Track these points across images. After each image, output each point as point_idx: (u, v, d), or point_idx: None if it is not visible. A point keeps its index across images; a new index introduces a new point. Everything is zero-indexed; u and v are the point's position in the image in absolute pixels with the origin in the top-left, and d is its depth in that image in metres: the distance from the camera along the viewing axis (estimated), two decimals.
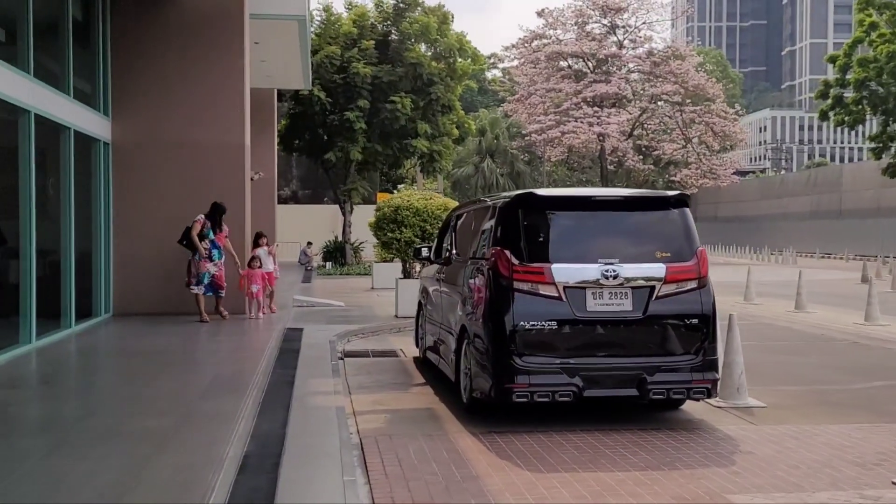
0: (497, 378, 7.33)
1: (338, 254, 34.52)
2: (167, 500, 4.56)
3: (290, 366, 10.01)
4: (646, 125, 55.10)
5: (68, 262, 11.78)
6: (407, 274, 16.32)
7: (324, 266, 33.87)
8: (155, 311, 13.67)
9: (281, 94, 33.69)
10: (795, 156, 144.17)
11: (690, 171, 53.93)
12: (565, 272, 7.38)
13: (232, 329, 12.28)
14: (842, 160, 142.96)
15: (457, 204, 15.77)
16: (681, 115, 53.35)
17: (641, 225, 7.78)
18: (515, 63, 58.27)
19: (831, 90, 52.40)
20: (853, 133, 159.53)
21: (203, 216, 13.03)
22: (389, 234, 15.64)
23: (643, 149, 55.09)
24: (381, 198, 31.39)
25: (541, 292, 7.37)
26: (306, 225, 41.18)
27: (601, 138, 51.18)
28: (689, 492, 5.73)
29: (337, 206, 37.55)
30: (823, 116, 53.49)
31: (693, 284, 7.57)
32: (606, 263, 7.41)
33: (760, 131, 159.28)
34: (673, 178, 55.40)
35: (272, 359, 10.19)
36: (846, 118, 50.70)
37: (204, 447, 5.72)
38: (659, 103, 54.49)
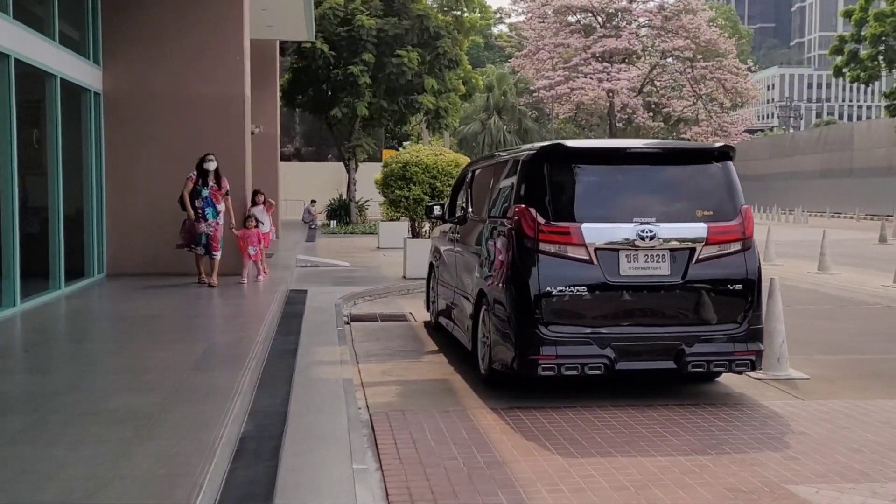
0: (520, 349, 6.65)
1: (342, 212, 33.79)
2: (145, 500, 3.88)
3: (293, 332, 9.34)
4: (656, 81, 53.98)
5: (56, 219, 11.07)
6: (415, 233, 15.60)
7: (328, 225, 33.17)
8: (151, 270, 12.98)
9: (283, 48, 32.72)
10: (804, 114, 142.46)
11: (701, 129, 52.91)
12: (596, 232, 6.65)
13: (231, 293, 11.58)
14: (850, 118, 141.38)
15: (468, 160, 15.02)
16: (692, 70, 52.22)
17: (680, 180, 7.02)
18: (523, 18, 57.11)
19: (846, 46, 51.19)
20: (862, 91, 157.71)
21: (195, 172, 12.13)
22: (397, 192, 14.89)
23: (653, 106, 54.06)
24: (387, 155, 30.55)
25: (569, 255, 6.66)
26: (310, 183, 40.39)
27: (610, 95, 50.15)
28: (743, 481, 5.05)
29: (341, 164, 36.71)
30: (837, 73, 52.31)
31: (737, 246, 6.84)
32: (642, 223, 6.68)
33: (769, 89, 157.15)
34: (683, 135, 54.37)
35: (273, 324, 9.51)
36: (861, 74, 49.57)
37: (193, 430, 5.04)
38: (669, 59, 53.30)
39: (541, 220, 6.71)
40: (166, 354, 7.19)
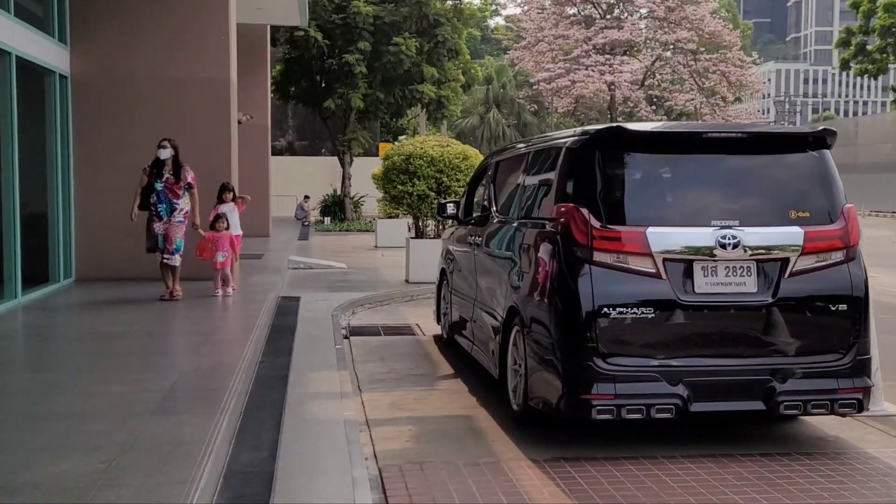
0: (569, 385, 5.27)
1: (336, 208, 32.36)
2: None
3: (284, 351, 7.95)
4: (657, 74, 52.58)
5: (11, 218, 9.62)
6: (419, 233, 14.20)
7: (322, 222, 31.74)
8: (126, 275, 11.55)
9: (275, 38, 31.27)
10: (800, 109, 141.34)
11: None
12: (665, 238, 5.29)
13: (214, 303, 10.12)
14: (847, 114, 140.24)
15: (477, 152, 13.65)
16: (694, 63, 50.83)
17: (769, 173, 5.65)
18: (519, 10, 55.63)
19: (854, 38, 49.96)
20: (859, 87, 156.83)
21: (149, 164, 10.18)
22: (400, 187, 13.48)
23: (654, 99, 52.66)
24: (384, 148, 29.12)
25: (631, 266, 5.28)
26: (303, 178, 38.90)
27: (612, 88, 48.76)
28: None
29: (335, 158, 35.29)
30: (844, 66, 51.17)
31: (839, 256, 5.47)
32: (722, 226, 5.32)
33: (764, 84, 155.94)
34: None
35: (261, 342, 8.11)
36: (869, 67, 48.38)
37: None
38: (670, 52, 51.90)
39: (594, 222, 5.33)
40: (125, 389, 5.78)
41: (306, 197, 32.84)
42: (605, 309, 5.23)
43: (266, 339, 8.44)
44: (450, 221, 9.19)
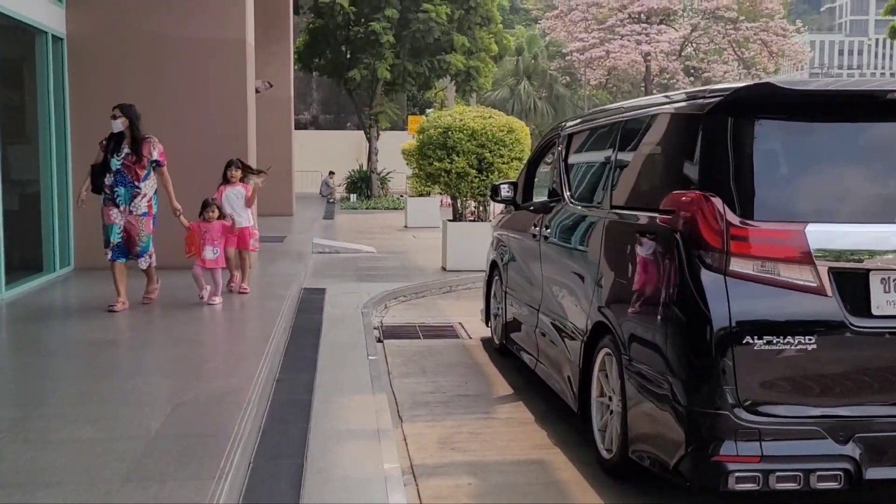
0: (696, 442, 3.83)
1: (363, 184, 30.94)
2: None
3: (307, 366, 6.56)
4: (695, 44, 50.49)
5: None
6: (457, 215, 12.73)
7: (347, 198, 30.36)
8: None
9: (298, 5, 29.80)
10: None
11: None
12: (832, 239, 3.82)
13: (225, 303, 8.67)
14: None
15: (522, 124, 12.15)
16: (734, 32, 48.70)
17: None
18: None
19: None
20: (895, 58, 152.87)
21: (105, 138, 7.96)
22: (437, 164, 11.99)
23: (692, 70, 50.60)
24: (413, 122, 27.62)
25: (783, 278, 3.82)
26: (328, 153, 37.49)
27: (647, 58, 46.82)
28: None
29: (361, 133, 33.82)
30: (893, 34, 48.73)
31: None
32: None
33: (809, 53, 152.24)
34: None
35: (279, 353, 6.73)
36: None
37: None
38: (709, 20, 49.73)
39: (731, 217, 3.86)
40: (95, 434, 4.39)
41: (331, 173, 31.49)
42: (747, 337, 3.78)
43: (286, 348, 7.06)
44: (502, 206, 7.72)
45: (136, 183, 7.72)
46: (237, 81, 10.64)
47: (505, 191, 7.27)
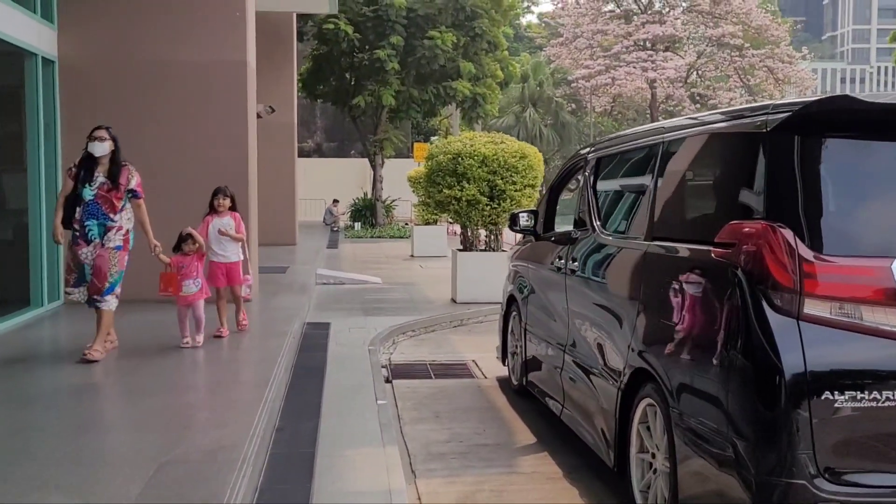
0: None
1: (367, 212, 30.46)
2: None
3: (310, 411, 6.00)
4: (700, 71, 50.20)
5: None
6: (467, 244, 12.19)
7: (351, 227, 29.86)
8: (126, 296, 9.62)
9: (302, 32, 29.54)
10: None
11: None
12: None
13: (222, 342, 8.10)
14: None
15: (535, 150, 11.65)
16: (740, 59, 48.40)
17: None
18: (552, 7, 53.56)
19: None
20: None
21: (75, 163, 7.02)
22: (446, 191, 11.46)
23: (697, 97, 50.28)
24: (419, 149, 27.21)
25: (868, 323, 3.27)
26: (332, 180, 37.15)
27: (652, 85, 46.51)
28: None
29: (366, 160, 33.44)
30: None
31: None
32: None
33: (814, 80, 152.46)
34: None
35: (280, 398, 6.17)
36: None
37: None
38: (714, 47, 49.46)
39: (805, 251, 3.32)
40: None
41: (335, 201, 31.05)
42: (826, 392, 3.22)
43: (287, 392, 6.49)
44: (520, 236, 7.18)
45: (111, 216, 6.79)
46: (237, 105, 10.16)
47: (524, 220, 6.73)
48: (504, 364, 7.56)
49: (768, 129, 3.52)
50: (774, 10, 52.65)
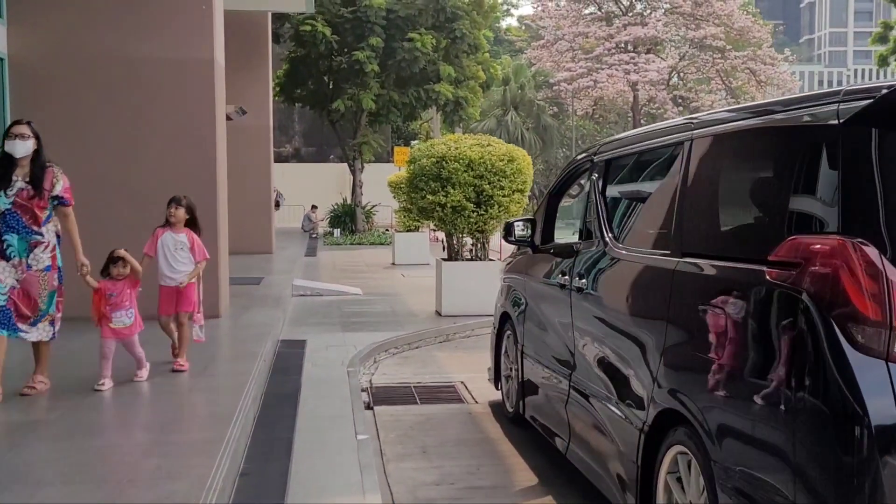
0: None
1: (347, 219, 29.68)
2: None
3: (280, 450, 5.26)
4: (682, 73, 49.79)
5: None
6: (453, 253, 11.47)
7: (331, 233, 29.07)
8: (81, 313, 8.85)
9: (279, 34, 28.80)
10: None
11: None
12: None
13: (188, 369, 7.34)
14: None
15: (524, 153, 10.99)
16: (722, 61, 48.01)
17: None
18: (532, 11, 53.09)
19: (892, 32, 47.21)
20: None
21: None
22: (430, 197, 10.75)
23: (679, 100, 49.87)
24: (400, 153, 26.51)
25: None
26: (310, 186, 36.33)
27: (634, 88, 46.02)
28: None
29: (345, 165, 32.70)
30: (882, 62, 48.19)
31: None
32: None
33: (778, 87, 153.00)
34: None
35: (245, 435, 5.42)
36: None
37: None
38: (696, 49, 49.04)
39: (894, 274, 2.64)
40: None
41: (314, 207, 30.24)
42: None
43: (254, 427, 5.75)
44: (515, 247, 6.47)
45: (35, 228, 5.71)
46: (204, 106, 9.40)
47: (520, 229, 6.03)
48: (497, 388, 6.85)
49: (841, 120, 2.83)
50: (755, 11, 52.23)
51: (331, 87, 28.73)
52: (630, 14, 48.56)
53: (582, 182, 5.40)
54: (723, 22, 46.84)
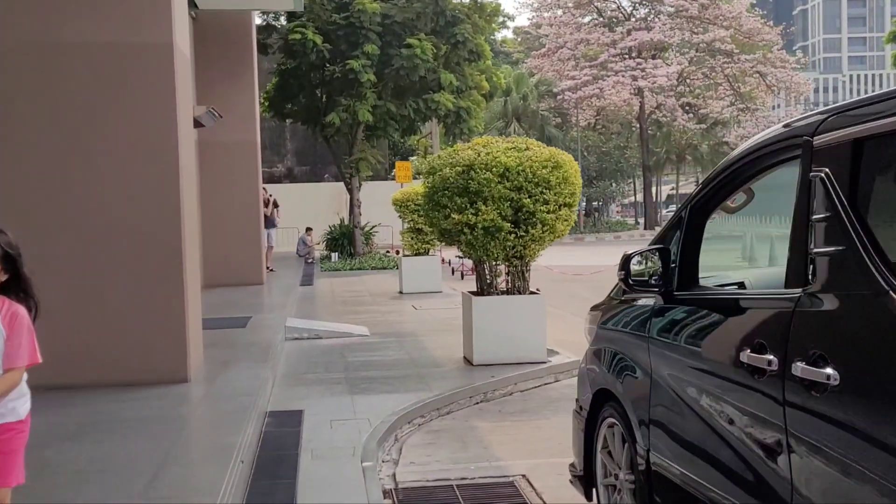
0: None
1: (345, 241, 27.42)
2: None
3: None
4: (689, 79, 47.76)
5: None
6: (484, 287, 9.17)
7: (328, 258, 26.81)
8: None
9: (266, 44, 26.64)
10: None
11: (746, 131, 46.74)
12: None
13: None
14: None
15: (570, 157, 8.81)
16: (731, 65, 45.97)
17: None
18: (528, 21, 51.28)
19: None
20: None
21: None
22: (456, 216, 8.51)
23: (686, 107, 47.82)
24: (402, 168, 24.27)
25: None
26: (305, 207, 34.05)
27: (640, 94, 43.94)
28: None
29: (341, 184, 30.45)
30: None
31: None
32: None
33: (811, 85, 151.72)
34: (724, 140, 48.19)
35: None
36: None
37: None
38: (704, 54, 46.98)
39: None
40: None
41: (308, 229, 27.97)
42: None
43: None
44: (641, 291, 4.19)
45: None
46: (163, 102, 7.15)
47: (637, 263, 3.77)
48: (588, 498, 4.58)
49: None
50: (762, 13, 50.28)
51: (324, 100, 26.60)
52: (633, 19, 46.63)
53: (769, 181, 3.17)
54: (731, 24, 44.94)
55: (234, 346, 9.14)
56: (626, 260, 3.74)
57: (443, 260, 18.50)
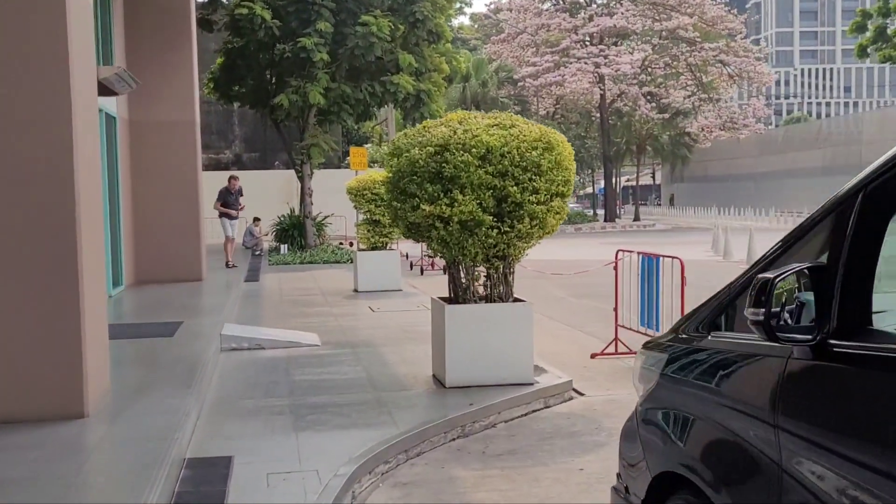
0: None
1: (295, 232, 25.71)
2: None
3: None
4: (651, 68, 46.64)
5: None
6: (459, 293, 7.63)
7: (277, 250, 25.09)
8: None
9: (210, 20, 24.80)
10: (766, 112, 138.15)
11: (707, 122, 45.83)
12: None
13: None
14: (812, 115, 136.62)
15: (561, 137, 7.35)
16: (694, 54, 44.94)
17: None
18: (485, 7, 49.89)
19: (870, 21, 44.84)
20: (822, 88, 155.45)
21: None
22: (426, 207, 6.98)
23: (647, 96, 46.71)
24: (356, 154, 22.60)
25: None
26: (253, 195, 32.07)
27: (601, 83, 42.68)
28: None
29: (292, 172, 28.68)
30: (861, 53, 45.88)
31: None
32: None
33: (750, 80, 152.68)
34: (687, 129, 47.22)
35: None
36: (893, 53, 43.06)
37: None
38: (667, 41, 45.87)
39: None
40: None
41: (256, 219, 26.20)
42: None
43: None
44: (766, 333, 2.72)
45: None
46: (52, 52, 5.50)
47: (789, 293, 2.29)
48: None
49: None
50: (725, 1, 49.36)
51: (273, 81, 24.82)
52: (595, 4, 45.41)
53: None
54: (694, 11, 43.89)
55: (155, 363, 7.52)
56: (766, 287, 2.22)
57: (401, 253, 16.95)
